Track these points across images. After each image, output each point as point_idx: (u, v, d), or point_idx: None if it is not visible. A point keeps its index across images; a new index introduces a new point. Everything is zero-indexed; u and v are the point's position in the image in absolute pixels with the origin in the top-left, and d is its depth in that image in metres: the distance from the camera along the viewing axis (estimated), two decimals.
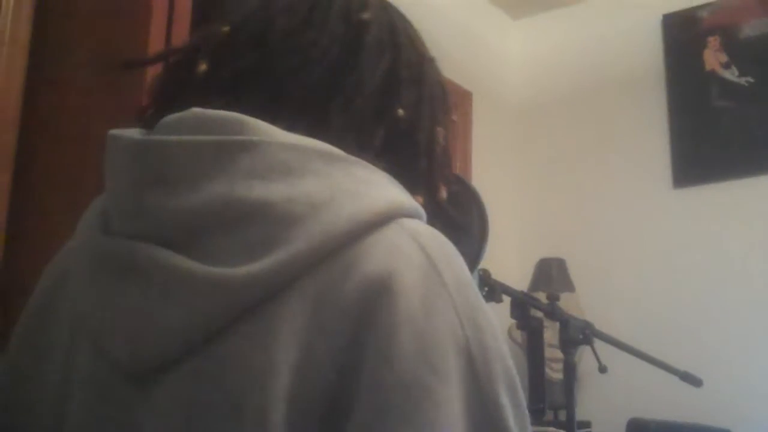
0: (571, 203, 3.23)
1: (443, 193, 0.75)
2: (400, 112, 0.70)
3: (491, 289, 1.33)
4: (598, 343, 1.58)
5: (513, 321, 1.45)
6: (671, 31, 3.13)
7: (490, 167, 3.21)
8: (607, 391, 2.78)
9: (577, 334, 1.52)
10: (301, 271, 0.57)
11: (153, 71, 0.88)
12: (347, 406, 0.54)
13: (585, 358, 2.67)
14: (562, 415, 2.63)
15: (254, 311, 0.57)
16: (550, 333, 2.44)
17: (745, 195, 2.85)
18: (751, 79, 2.91)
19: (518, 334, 2.74)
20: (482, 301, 0.63)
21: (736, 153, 2.89)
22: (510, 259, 3.13)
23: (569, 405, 1.49)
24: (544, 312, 1.48)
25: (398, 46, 0.74)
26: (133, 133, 0.67)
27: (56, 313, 0.71)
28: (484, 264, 1.18)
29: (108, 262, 0.64)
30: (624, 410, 2.43)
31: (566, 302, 2.71)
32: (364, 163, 0.64)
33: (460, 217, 0.79)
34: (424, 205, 0.68)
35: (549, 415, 2.69)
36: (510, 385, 0.59)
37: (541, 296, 2.69)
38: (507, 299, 1.40)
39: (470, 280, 0.62)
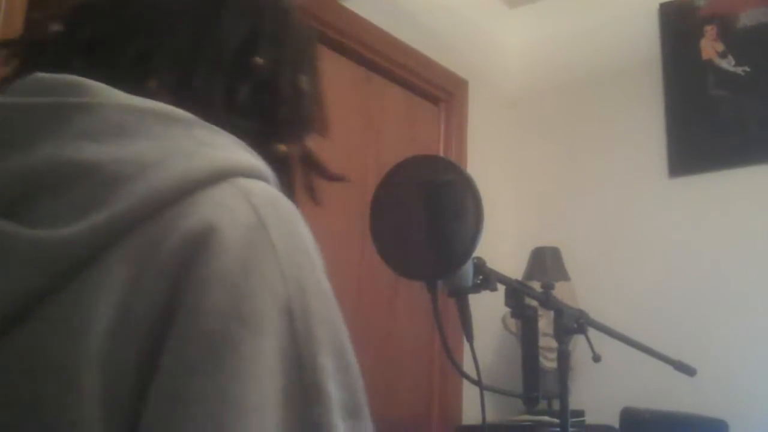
0: (566, 192, 3.23)
1: (305, 146, 0.75)
2: (259, 61, 0.70)
3: (486, 278, 1.31)
4: (592, 333, 1.57)
5: (507, 309, 1.44)
6: (668, 19, 3.12)
7: (486, 155, 3.21)
8: (600, 380, 2.78)
9: (572, 323, 1.51)
10: (123, 231, 0.55)
11: None
12: (156, 365, 0.53)
13: (579, 347, 2.66)
14: (556, 404, 2.64)
15: (74, 274, 0.55)
16: (545, 322, 2.43)
17: (741, 184, 2.84)
18: (747, 69, 2.91)
19: (512, 323, 2.74)
20: (318, 269, 0.61)
21: (732, 142, 2.89)
22: (505, 247, 3.12)
23: (563, 394, 1.48)
24: (538, 301, 1.47)
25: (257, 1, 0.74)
26: None
27: None
28: (479, 252, 1.17)
29: None
30: (618, 399, 2.43)
31: (561, 291, 2.70)
32: (208, 124, 0.63)
33: (325, 167, 0.79)
34: (290, 155, 0.68)
35: (543, 404, 2.70)
36: (337, 350, 0.58)
37: (536, 285, 2.68)
38: (502, 288, 1.39)
39: (307, 247, 0.61)
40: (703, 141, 2.95)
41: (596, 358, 1.54)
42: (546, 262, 2.86)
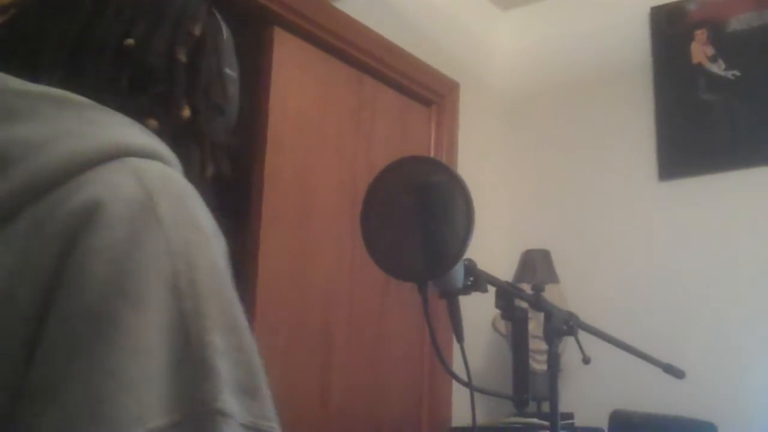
0: (556, 195, 3.24)
1: (186, 112, 0.75)
2: (130, 42, 0.72)
3: (477, 279, 1.32)
4: (582, 335, 1.57)
5: (497, 311, 1.44)
6: (659, 23, 3.14)
7: (477, 158, 3.21)
8: (590, 382, 2.79)
9: (562, 325, 1.51)
10: (11, 211, 0.55)
11: None
12: (38, 339, 0.52)
13: (568, 349, 2.67)
14: (546, 407, 2.64)
15: None
16: (534, 324, 2.44)
17: (730, 188, 2.86)
18: (737, 73, 2.92)
19: (503, 325, 2.74)
20: (211, 244, 0.60)
21: (721, 146, 2.90)
22: (495, 249, 3.13)
23: (553, 396, 1.49)
24: (528, 302, 1.48)
25: None
26: None
27: None
28: (469, 254, 1.17)
29: None
30: (607, 402, 2.44)
31: (550, 293, 2.71)
32: (101, 107, 0.63)
33: (211, 136, 0.79)
34: (163, 128, 0.69)
35: (532, 406, 2.70)
36: (228, 326, 0.57)
37: (526, 287, 2.69)
38: (492, 290, 1.39)
39: (199, 222, 0.60)
40: (693, 144, 2.96)
41: (586, 360, 1.54)
42: (536, 265, 2.87)
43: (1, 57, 0.70)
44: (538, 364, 2.59)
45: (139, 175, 0.58)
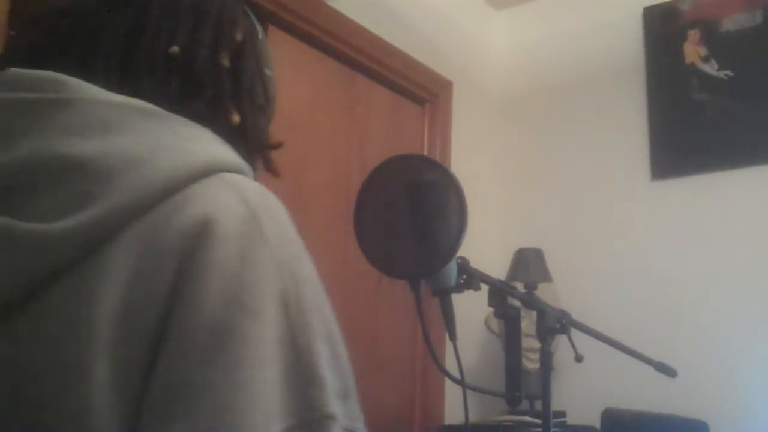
0: (550, 193, 3.24)
1: (236, 118, 0.75)
2: (174, 50, 0.72)
3: (469, 277, 1.32)
4: (575, 334, 1.58)
5: (490, 310, 1.44)
6: (652, 23, 3.14)
7: (470, 156, 3.21)
8: (582, 381, 2.80)
9: (554, 324, 1.51)
10: (120, 225, 0.57)
11: None
12: (158, 353, 0.55)
13: (561, 348, 2.67)
14: (538, 405, 2.65)
15: (74, 267, 0.56)
16: (527, 323, 2.45)
17: (722, 188, 2.86)
18: (730, 73, 2.93)
19: (495, 323, 2.75)
20: (305, 257, 0.64)
21: (714, 146, 2.91)
22: (488, 248, 3.13)
23: (545, 394, 1.49)
24: (521, 301, 1.48)
25: None
26: None
27: None
28: (462, 252, 1.17)
29: None
30: (599, 400, 2.45)
31: (543, 292, 2.71)
32: (186, 120, 0.66)
33: (261, 139, 0.80)
34: (219, 133, 0.69)
35: (524, 405, 2.70)
36: (328, 336, 0.61)
37: (519, 286, 2.70)
38: (485, 288, 1.39)
39: (294, 237, 0.63)
40: (686, 144, 2.97)
41: (578, 359, 1.54)
42: (529, 263, 2.87)
43: (49, 59, 0.69)
44: (531, 362, 2.60)
45: (239, 191, 0.61)
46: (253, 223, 0.60)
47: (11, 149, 0.60)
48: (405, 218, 1.18)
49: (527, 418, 2.61)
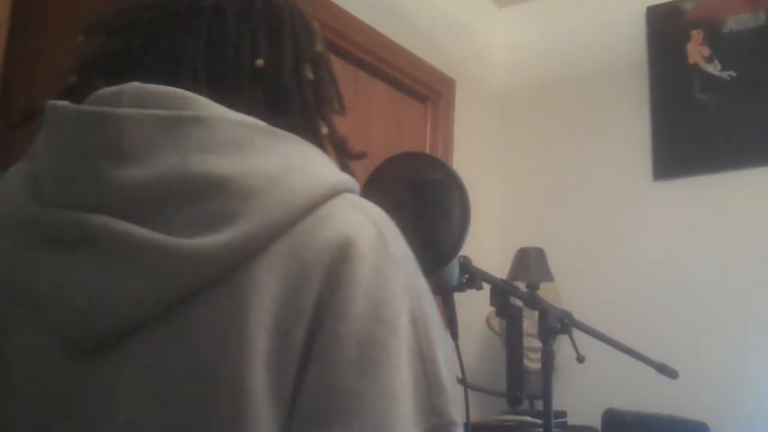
0: (551, 193, 3.23)
1: (324, 129, 0.77)
2: (260, 62, 0.73)
3: (472, 276, 1.31)
4: (576, 334, 1.57)
5: (491, 309, 1.44)
6: (655, 23, 3.13)
7: (472, 155, 3.21)
8: (583, 381, 2.79)
9: (556, 324, 1.51)
10: (264, 241, 0.60)
11: None
12: (308, 361, 0.58)
13: (562, 348, 2.67)
14: (539, 405, 2.64)
15: (222, 280, 0.59)
16: (529, 322, 2.43)
17: (725, 189, 2.85)
18: (733, 74, 2.92)
19: (497, 323, 2.74)
20: (420, 271, 0.67)
21: (716, 147, 2.90)
22: (490, 247, 3.12)
23: (546, 394, 1.48)
24: (523, 300, 1.47)
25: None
26: (70, 104, 0.67)
27: None
28: (464, 250, 1.17)
29: (49, 232, 0.63)
30: (600, 401, 2.44)
31: (545, 292, 2.70)
32: (302, 139, 0.68)
33: (347, 146, 0.81)
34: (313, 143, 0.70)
35: (525, 405, 2.69)
36: (445, 348, 0.65)
37: (521, 285, 2.69)
38: (487, 287, 1.38)
39: (410, 252, 0.68)
40: (688, 145, 2.96)
41: (580, 359, 1.54)
42: (530, 263, 2.86)
43: (133, 70, 0.70)
44: (532, 362, 2.59)
45: (364, 211, 0.65)
46: (383, 243, 0.63)
47: (149, 165, 0.60)
48: (407, 216, 1.17)
49: (527, 418, 2.60)
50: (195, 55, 0.71)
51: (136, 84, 0.66)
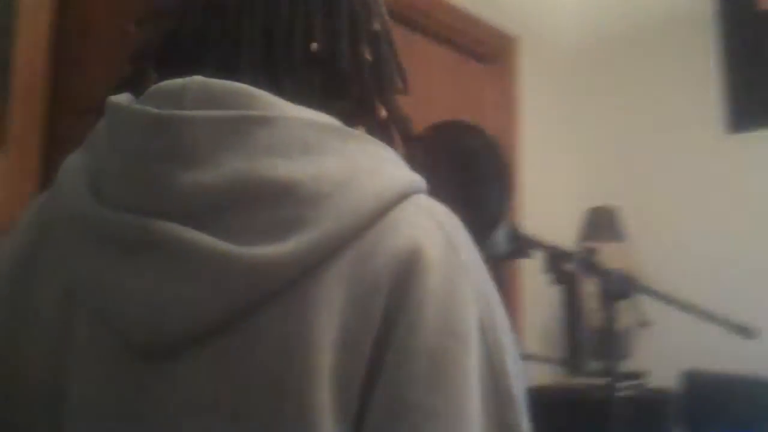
0: (622, 151, 3.12)
1: (383, 113, 0.73)
2: (314, 46, 0.69)
3: (520, 244, 1.27)
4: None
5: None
6: None
7: (539, 115, 3.12)
8: (663, 341, 2.70)
9: (617, 288, 1.45)
10: (332, 249, 0.57)
11: None
12: (378, 375, 0.56)
13: (641, 308, 2.59)
14: (619, 366, 2.58)
15: (288, 290, 0.57)
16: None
17: None
18: None
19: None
20: (489, 278, 0.64)
21: None
22: (561, 208, 3.05)
23: (610, 359, 1.44)
24: (579, 266, 1.42)
25: None
26: (132, 101, 0.66)
27: (40, 275, 0.68)
28: (534, 212, 1.13)
29: (112, 235, 0.62)
30: (680, 361, 2.36)
31: (616, 252, 2.63)
32: (371, 138, 0.65)
33: (410, 127, 0.77)
34: (369, 131, 0.68)
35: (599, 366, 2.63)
36: (515, 357, 0.62)
37: (592, 246, 2.61)
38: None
39: (480, 259, 0.64)
40: (762, 96, 2.79)
41: (644, 324, 1.48)
42: (601, 223, 2.78)
43: (190, 59, 0.68)
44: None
45: (433, 216, 0.62)
46: (452, 250, 0.61)
47: (215, 169, 0.59)
48: (449, 187, 1.15)
49: (595, 381, 2.53)
50: (251, 41, 0.68)
51: (199, 79, 0.63)
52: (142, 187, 0.61)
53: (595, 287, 1.49)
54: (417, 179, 0.65)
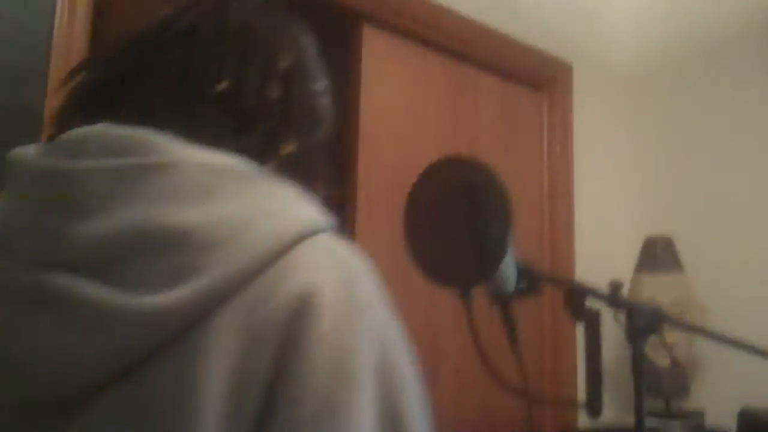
0: (684, 178, 2.99)
1: (288, 148, 0.73)
2: (222, 85, 0.69)
3: (531, 281, 1.23)
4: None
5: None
6: None
7: (595, 142, 3.05)
8: (720, 379, 2.57)
9: (646, 324, 1.38)
10: (224, 296, 0.57)
11: None
12: (271, 419, 0.56)
13: (698, 344, 2.48)
14: (672, 405, 2.47)
15: (179, 338, 0.57)
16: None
17: None
18: None
19: (621, 319, 2.58)
20: (392, 318, 0.64)
21: None
22: (620, 237, 2.96)
23: (638, 402, 1.36)
24: (605, 301, 1.36)
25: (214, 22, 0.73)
26: (34, 153, 0.67)
27: None
28: (592, 242, 1.09)
29: (11, 292, 0.62)
30: (737, 399, 2.25)
31: (674, 283, 2.53)
32: (275, 179, 0.65)
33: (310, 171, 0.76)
34: (276, 166, 0.67)
35: (660, 404, 2.52)
36: (418, 396, 0.62)
37: (647, 276, 2.52)
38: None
39: (382, 299, 0.63)
40: None
41: (673, 361, 1.41)
42: (657, 252, 2.67)
43: (111, 108, 0.70)
44: (662, 359, 2.42)
45: (333, 256, 0.62)
46: (350, 292, 0.60)
47: (108, 218, 0.59)
48: (450, 225, 1.12)
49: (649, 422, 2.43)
50: (166, 83, 0.70)
51: (100, 129, 0.64)
52: (37, 240, 0.61)
53: (622, 323, 1.43)
54: (320, 218, 0.64)
